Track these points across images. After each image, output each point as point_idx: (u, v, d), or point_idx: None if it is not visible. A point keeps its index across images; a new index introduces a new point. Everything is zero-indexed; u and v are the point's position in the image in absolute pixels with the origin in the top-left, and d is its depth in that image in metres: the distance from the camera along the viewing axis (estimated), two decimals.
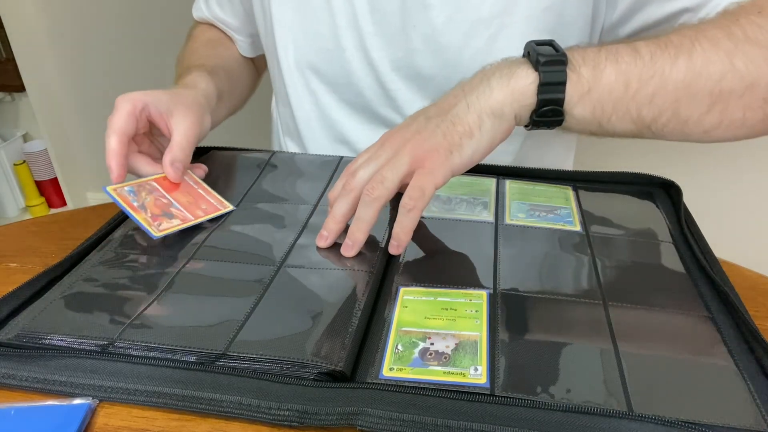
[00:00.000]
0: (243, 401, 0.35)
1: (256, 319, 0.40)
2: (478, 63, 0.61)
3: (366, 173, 0.48)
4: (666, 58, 0.46)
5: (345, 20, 0.63)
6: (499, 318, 0.41)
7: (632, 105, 0.46)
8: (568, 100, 0.46)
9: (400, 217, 0.46)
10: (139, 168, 0.56)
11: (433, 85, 0.64)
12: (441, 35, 0.61)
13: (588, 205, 0.55)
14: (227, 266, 0.46)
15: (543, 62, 0.45)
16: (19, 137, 1.94)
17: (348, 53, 0.64)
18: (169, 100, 0.57)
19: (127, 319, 0.40)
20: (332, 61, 0.65)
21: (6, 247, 0.54)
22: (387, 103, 0.66)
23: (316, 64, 0.67)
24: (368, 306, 0.42)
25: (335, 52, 0.65)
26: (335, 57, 0.65)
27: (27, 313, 0.42)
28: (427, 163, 0.46)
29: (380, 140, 0.50)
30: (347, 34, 0.63)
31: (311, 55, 0.66)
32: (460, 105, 0.47)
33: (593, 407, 0.34)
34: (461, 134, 0.46)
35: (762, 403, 0.35)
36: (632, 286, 0.45)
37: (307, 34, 0.66)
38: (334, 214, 0.48)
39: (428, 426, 0.33)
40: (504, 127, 0.47)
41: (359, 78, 0.65)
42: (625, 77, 0.46)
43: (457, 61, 0.61)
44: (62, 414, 0.35)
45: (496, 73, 0.48)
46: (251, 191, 0.57)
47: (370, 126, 0.69)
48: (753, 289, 0.47)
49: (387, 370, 0.37)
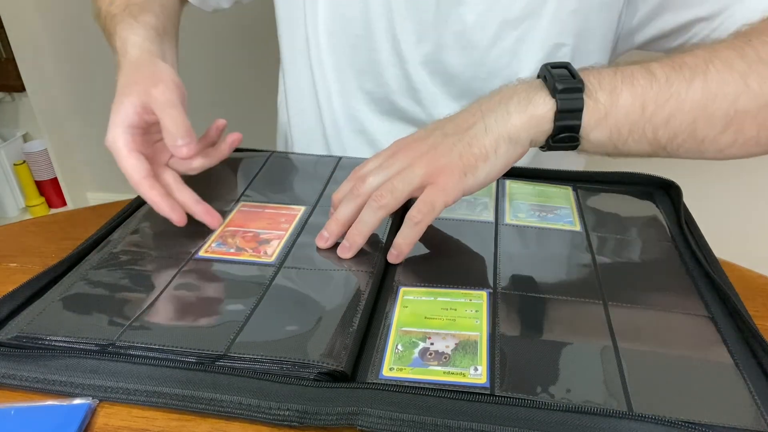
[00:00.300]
0: (243, 401, 0.35)
1: (256, 320, 0.40)
2: (503, 63, 0.62)
3: (376, 180, 0.47)
4: (681, 79, 0.46)
5: (379, 8, 0.63)
6: (499, 318, 0.41)
7: (648, 127, 0.46)
8: (584, 126, 0.46)
9: (406, 229, 0.46)
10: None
11: (458, 83, 0.64)
12: (471, 33, 0.61)
13: (588, 205, 0.55)
14: (227, 266, 0.46)
15: (560, 89, 0.45)
16: (19, 137, 1.93)
17: (378, 42, 0.64)
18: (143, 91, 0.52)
19: (127, 320, 0.40)
20: (360, 48, 0.65)
21: (6, 247, 0.54)
22: (410, 95, 0.66)
23: (344, 48, 0.66)
24: (369, 306, 0.42)
25: (365, 38, 0.64)
26: (364, 44, 0.65)
27: (27, 314, 0.42)
28: (441, 180, 0.46)
29: (392, 148, 0.50)
30: (380, 23, 0.63)
31: (341, 39, 0.66)
32: (478, 126, 0.47)
33: (593, 407, 0.34)
34: (477, 157, 0.46)
35: (762, 403, 0.35)
36: (632, 286, 0.45)
37: (337, 17, 0.65)
38: (337, 217, 0.48)
39: (428, 426, 0.33)
40: (519, 151, 0.47)
41: (386, 67, 0.65)
42: (642, 100, 0.45)
43: (483, 60, 0.62)
44: (62, 414, 0.35)
45: (513, 98, 0.47)
46: (248, 191, 0.57)
47: (389, 118, 0.69)
48: (753, 289, 0.48)
49: (387, 370, 0.37)
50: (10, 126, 1.96)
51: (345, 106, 0.69)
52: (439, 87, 0.65)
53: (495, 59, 0.61)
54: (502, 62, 0.62)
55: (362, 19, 0.64)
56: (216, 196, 0.56)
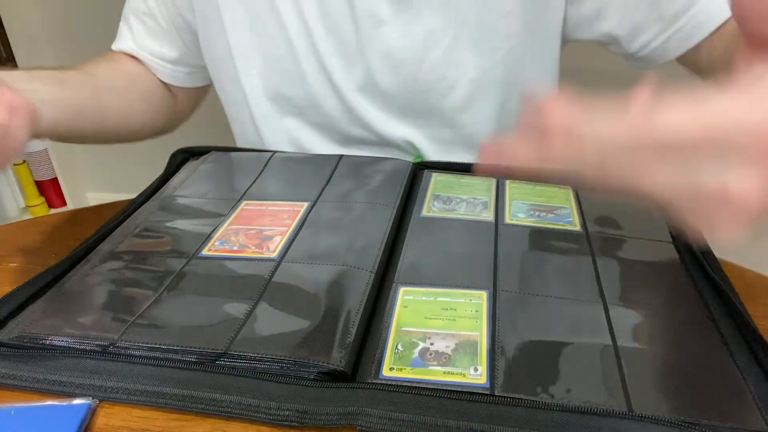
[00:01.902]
0: (243, 401, 0.35)
1: (256, 317, 0.40)
2: (436, 76, 0.62)
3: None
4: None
5: (303, 43, 0.63)
6: (499, 318, 0.41)
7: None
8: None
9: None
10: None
11: (397, 102, 0.65)
12: (397, 51, 0.61)
13: (588, 205, 0.55)
14: (229, 263, 0.46)
15: None
16: None
17: (309, 77, 0.65)
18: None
19: (128, 319, 0.40)
20: (295, 85, 0.66)
21: (6, 247, 0.54)
22: (354, 122, 0.67)
23: (281, 88, 0.67)
24: (369, 306, 0.42)
25: (297, 75, 0.65)
26: (298, 81, 0.65)
27: (27, 314, 0.42)
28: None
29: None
30: (307, 57, 0.64)
31: (275, 80, 0.66)
32: None
33: (593, 407, 0.34)
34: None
35: (762, 403, 0.35)
36: (632, 286, 0.45)
37: (267, 59, 0.65)
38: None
39: (428, 426, 0.33)
40: None
41: (323, 99, 0.66)
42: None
43: (415, 75, 0.62)
44: (62, 414, 0.35)
45: None
46: (250, 190, 0.57)
47: (340, 148, 0.69)
48: (753, 289, 0.47)
49: (387, 370, 0.37)
50: None
51: (295, 141, 0.70)
52: (380, 109, 0.65)
53: (427, 73, 0.62)
54: (435, 75, 0.62)
55: (290, 56, 0.64)
56: (219, 195, 0.56)
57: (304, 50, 0.64)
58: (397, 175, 0.59)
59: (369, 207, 0.54)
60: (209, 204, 0.55)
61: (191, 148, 0.66)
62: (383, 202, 0.54)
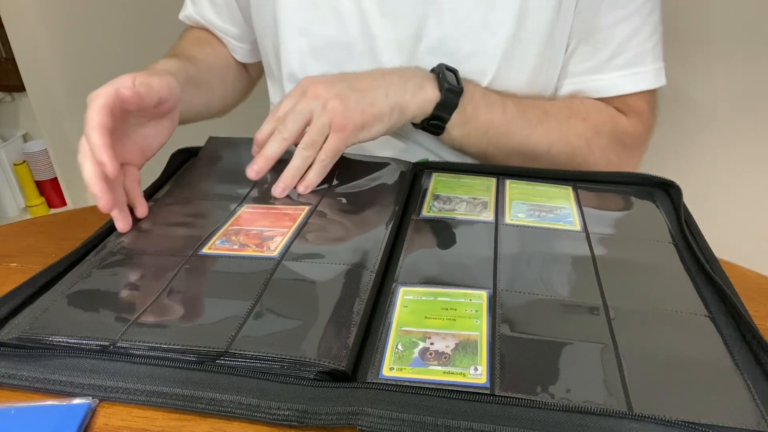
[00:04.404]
0: (243, 401, 0.35)
1: (256, 316, 0.40)
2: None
3: (295, 126, 0.55)
4: (523, 121, 0.63)
5: (355, 25, 0.63)
6: (498, 318, 0.41)
7: (483, 141, 0.63)
8: (450, 122, 0.61)
9: (316, 166, 0.56)
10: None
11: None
12: (452, 41, 0.62)
13: (588, 205, 0.55)
14: (229, 261, 0.46)
15: (446, 88, 0.59)
16: (19, 137, 1.94)
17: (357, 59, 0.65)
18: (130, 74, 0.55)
19: (129, 319, 0.40)
20: (341, 66, 0.65)
21: (6, 247, 0.54)
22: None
23: (325, 68, 0.66)
24: (369, 305, 0.42)
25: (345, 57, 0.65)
26: (345, 62, 0.65)
27: (27, 314, 0.42)
28: (344, 131, 0.55)
29: (301, 86, 0.57)
30: (358, 39, 0.64)
31: (320, 60, 0.66)
32: (379, 90, 0.57)
33: (593, 407, 0.34)
34: (375, 116, 0.56)
35: (762, 403, 0.35)
36: (632, 286, 0.45)
37: (313, 38, 0.65)
38: (266, 154, 0.56)
39: (428, 426, 0.33)
40: (403, 121, 0.59)
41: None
42: (488, 124, 0.62)
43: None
44: (62, 414, 0.35)
45: (411, 80, 0.59)
46: (252, 192, 0.57)
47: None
48: (753, 289, 0.48)
49: (387, 369, 0.37)
50: (10, 126, 1.96)
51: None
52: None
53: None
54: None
55: (341, 37, 0.65)
56: (221, 197, 0.56)
57: (357, 32, 0.64)
58: (397, 175, 0.59)
59: (369, 207, 0.54)
60: (210, 205, 0.55)
61: (191, 148, 0.66)
62: (383, 202, 0.54)
